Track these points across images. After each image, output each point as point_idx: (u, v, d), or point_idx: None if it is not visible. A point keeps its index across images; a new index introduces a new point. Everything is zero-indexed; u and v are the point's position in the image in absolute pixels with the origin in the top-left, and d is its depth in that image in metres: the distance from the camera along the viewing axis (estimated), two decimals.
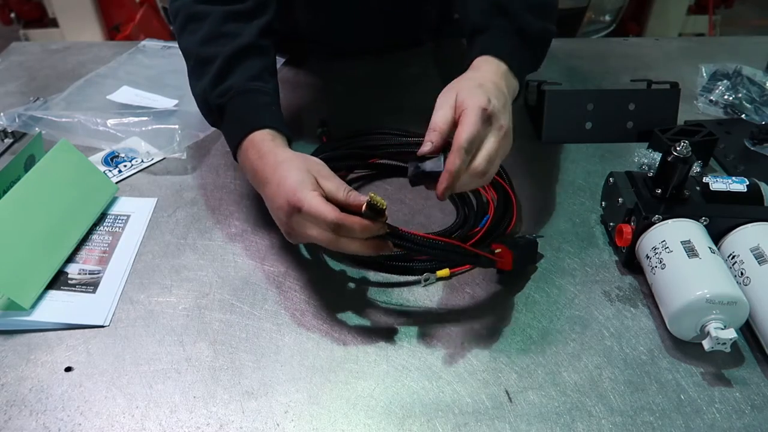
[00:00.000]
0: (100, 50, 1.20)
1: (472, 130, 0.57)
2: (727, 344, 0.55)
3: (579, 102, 0.90)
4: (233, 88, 0.67)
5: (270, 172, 0.61)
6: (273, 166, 0.61)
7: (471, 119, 0.58)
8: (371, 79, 1.08)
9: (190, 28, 0.72)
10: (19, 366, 0.58)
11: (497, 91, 0.63)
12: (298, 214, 0.57)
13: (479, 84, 0.62)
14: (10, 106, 0.95)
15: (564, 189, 0.81)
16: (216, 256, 0.70)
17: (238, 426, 0.53)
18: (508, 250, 0.64)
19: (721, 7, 2.49)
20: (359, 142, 0.82)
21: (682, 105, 0.92)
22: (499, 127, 0.60)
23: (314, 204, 0.55)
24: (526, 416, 0.54)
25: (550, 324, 0.62)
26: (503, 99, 0.62)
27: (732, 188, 0.67)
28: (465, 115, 0.58)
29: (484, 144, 0.59)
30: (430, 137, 0.59)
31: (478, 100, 0.59)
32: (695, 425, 0.53)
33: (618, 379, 0.57)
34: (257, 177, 0.63)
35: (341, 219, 0.55)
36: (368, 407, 0.54)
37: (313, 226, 0.57)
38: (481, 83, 0.62)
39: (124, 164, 0.85)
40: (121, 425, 0.53)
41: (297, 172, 0.58)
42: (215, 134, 0.91)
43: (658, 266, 0.61)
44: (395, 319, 0.63)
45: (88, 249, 0.71)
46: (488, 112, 0.59)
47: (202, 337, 0.61)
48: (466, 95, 0.60)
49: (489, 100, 0.59)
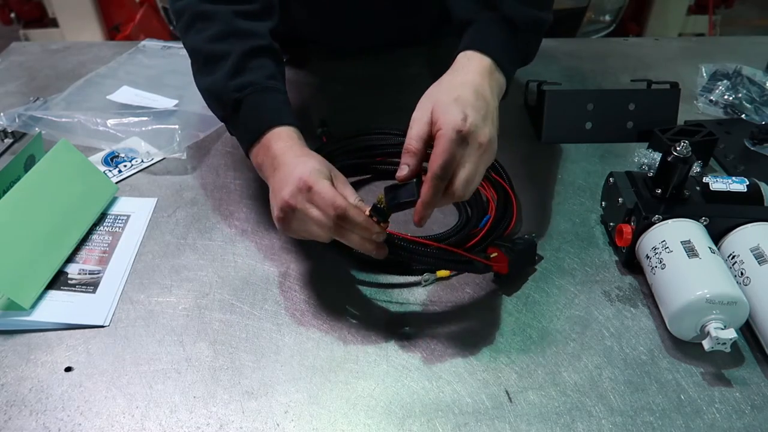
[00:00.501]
0: (100, 50, 1.20)
1: (446, 157, 0.54)
2: (727, 344, 0.55)
3: (579, 102, 0.90)
4: (252, 84, 0.67)
5: (291, 158, 0.61)
6: (296, 155, 0.61)
7: (445, 145, 0.55)
8: (371, 79, 1.08)
9: (197, 26, 0.72)
10: (19, 366, 0.58)
11: (477, 99, 0.59)
12: (307, 193, 0.56)
13: (456, 97, 0.58)
14: (10, 106, 0.95)
15: (564, 189, 0.81)
16: (216, 256, 0.70)
17: (238, 426, 0.53)
18: (504, 254, 0.64)
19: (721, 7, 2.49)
20: (359, 142, 0.82)
21: (682, 105, 0.92)
22: (478, 146, 0.56)
23: (326, 187, 0.56)
24: (526, 416, 0.54)
25: (550, 324, 0.62)
26: (483, 108, 0.59)
27: (732, 188, 0.67)
28: (439, 138, 0.55)
29: (461, 167, 0.56)
30: (407, 160, 0.57)
31: (453, 120, 0.55)
32: (695, 425, 0.53)
33: (618, 379, 0.57)
34: (276, 162, 0.62)
35: (349, 208, 0.55)
36: (368, 407, 0.54)
37: (317, 210, 0.56)
38: (458, 96, 0.58)
39: (124, 164, 0.85)
40: (121, 425, 0.53)
41: (318, 163, 0.59)
42: (215, 134, 0.91)
43: (658, 266, 0.61)
44: (395, 319, 0.63)
45: (88, 249, 0.71)
46: (464, 133, 0.55)
47: (202, 337, 0.61)
48: (441, 112, 0.56)
49: (465, 118, 0.56)
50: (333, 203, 0.55)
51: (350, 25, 1.06)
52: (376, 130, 0.82)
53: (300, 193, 0.57)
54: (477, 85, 0.61)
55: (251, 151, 0.67)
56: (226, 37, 0.70)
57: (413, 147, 0.57)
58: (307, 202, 0.57)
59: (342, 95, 1.04)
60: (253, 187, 0.81)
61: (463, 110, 0.56)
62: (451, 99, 0.57)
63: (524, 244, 0.67)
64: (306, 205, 0.57)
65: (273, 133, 0.64)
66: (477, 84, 0.61)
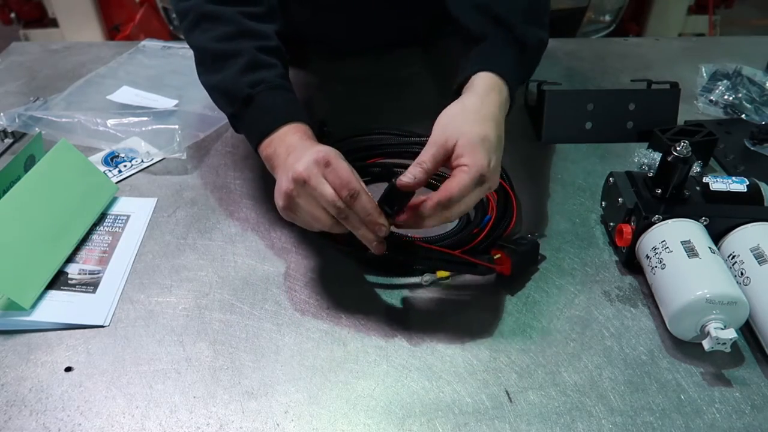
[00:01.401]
0: (100, 50, 1.20)
1: (461, 192, 0.57)
2: (727, 344, 0.55)
3: (579, 102, 0.90)
4: (266, 81, 0.67)
5: (309, 144, 0.62)
6: (311, 144, 0.62)
7: (465, 182, 0.57)
8: (371, 79, 1.08)
9: (203, 26, 0.72)
10: (19, 366, 0.58)
11: (498, 142, 0.61)
12: (324, 167, 0.56)
13: (483, 138, 0.59)
14: (10, 106, 0.95)
15: (564, 189, 0.81)
16: (216, 256, 0.70)
17: (238, 426, 0.53)
18: (507, 256, 0.64)
19: (721, 7, 2.49)
20: (359, 142, 0.82)
21: (682, 105, 0.92)
22: (487, 188, 0.59)
23: (344, 166, 0.56)
24: (526, 416, 0.54)
25: (550, 324, 0.62)
26: (500, 150, 0.61)
27: (732, 188, 0.67)
28: (461, 173, 0.57)
29: (464, 200, 0.58)
30: (414, 171, 0.58)
31: (480, 165, 0.57)
32: (695, 425, 0.53)
33: (618, 379, 0.57)
34: (290, 148, 0.62)
35: (362, 191, 0.56)
36: (368, 407, 0.54)
37: (329, 187, 0.56)
38: (484, 137, 0.59)
39: (124, 164, 0.85)
40: (121, 425, 0.53)
41: (330, 149, 0.59)
42: (215, 134, 0.91)
43: (658, 266, 0.61)
44: (395, 319, 0.63)
45: (88, 249, 0.71)
46: (485, 177, 0.58)
47: (202, 337, 0.61)
48: (468, 151, 0.58)
49: (489, 163, 0.58)
50: (349, 182, 0.55)
51: (350, 25, 1.06)
52: (376, 130, 0.82)
53: (317, 166, 0.56)
54: (499, 122, 0.63)
55: (262, 143, 0.66)
56: (235, 37, 0.70)
57: (427, 165, 0.58)
58: (322, 177, 0.56)
59: (342, 95, 1.04)
60: (253, 187, 0.81)
61: (488, 155, 0.58)
62: (479, 139, 0.59)
63: (528, 244, 0.67)
64: (320, 180, 0.56)
65: (289, 127, 0.65)
66: (499, 121, 0.63)
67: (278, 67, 0.70)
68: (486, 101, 0.64)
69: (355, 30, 1.08)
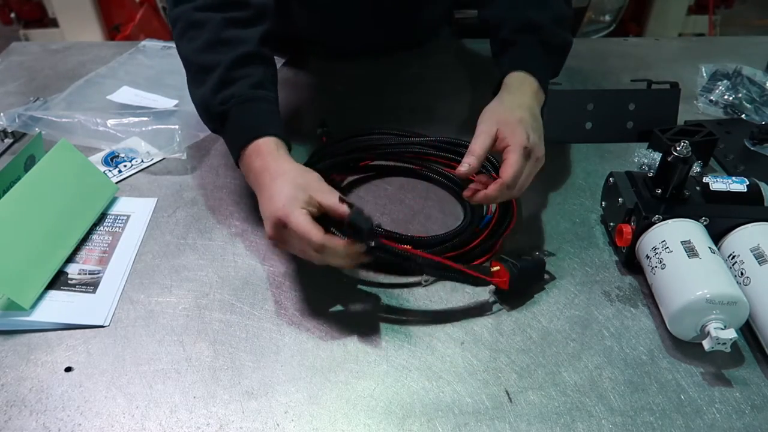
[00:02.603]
0: (100, 50, 1.20)
1: (516, 168, 0.64)
2: (727, 344, 0.55)
3: (579, 102, 0.90)
4: (236, 96, 0.68)
5: (268, 181, 0.62)
6: (272, 177, 0.62)
7: (514, 158, 0.64)
8: (371, 79, 1.08)
9: (189, 35, 0.72)
10: (19, 366, 0.58)
11: (534, 121, 0.69)
12: (284, 228, 0.58)
13: (519, 119, 0.67)
14: (10, 106, 0.95)
15: (564, 189, 0.81)
16: (216, 256, 0.70)
17: (238, 426, 0.53)
18: (506, 270, 0.62)
19: (721, 7, 2.49)
20: (359, 142, 0.82)
21: (682, 105, 0.92)
22: (536, 159, 0.67)
23: (301, 222, 0.57)
24: (526, 416, 0.54)
25: (550, 324, 0.62)
26: (539, 128, 0.70)
27: (732, 188, 0.67)
28: (509, 153, 0.65)
29: (521, 175, 0.65)
30: (469, 160, 0.65)
31: (521, 139, 0.65)
32: (695, 425, 0.53)
33: (618, 379, 0.57)
34: (257, 182, 0.64)
35: (325, 241, 0.57)
36: (368, 407, 0.54)
37: (298, 242, 0.59)
38: (521, 118, 0.68)
39: (124, 164, 0.85)
40: (121, 425, 0.53)
41: (291, 188, 0.60)
42: (215, 135, 0.91)
43: (658, 266, 0.61)
44: (395, 319, 0.63)
45: (88, 249, 0.71)
46: (528, 149, 0.65)
47: (202, 337, 0.61)
48: (509, 133, 0.66)
49: (528, 137, 0.66)
50: (308, 239, 0.57)
51: (350, 26, 1.06)
52: (376, 130, 0.82)
53: (278, 228, 0.59)
54: (532, 107, 0.72)
55: (239, 165, 0.69)
56: (214, 46, 0.70)
57: (478, 152, 0.65)
58: (287, 236, 0.59)
59: (342, 95, 1.04)
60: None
61: (526, 131, 0.66)
62: (516, 120, 0.67)
63: (530, 262, 0.64)
64: (286, 239, 0.60)
65: (252, 148, 0.65)
66: (532, 106, 0.72)
67: (252, 76, 0.69)
68: (518, 93, 0.73)
69: (355, 31, 1.08)
